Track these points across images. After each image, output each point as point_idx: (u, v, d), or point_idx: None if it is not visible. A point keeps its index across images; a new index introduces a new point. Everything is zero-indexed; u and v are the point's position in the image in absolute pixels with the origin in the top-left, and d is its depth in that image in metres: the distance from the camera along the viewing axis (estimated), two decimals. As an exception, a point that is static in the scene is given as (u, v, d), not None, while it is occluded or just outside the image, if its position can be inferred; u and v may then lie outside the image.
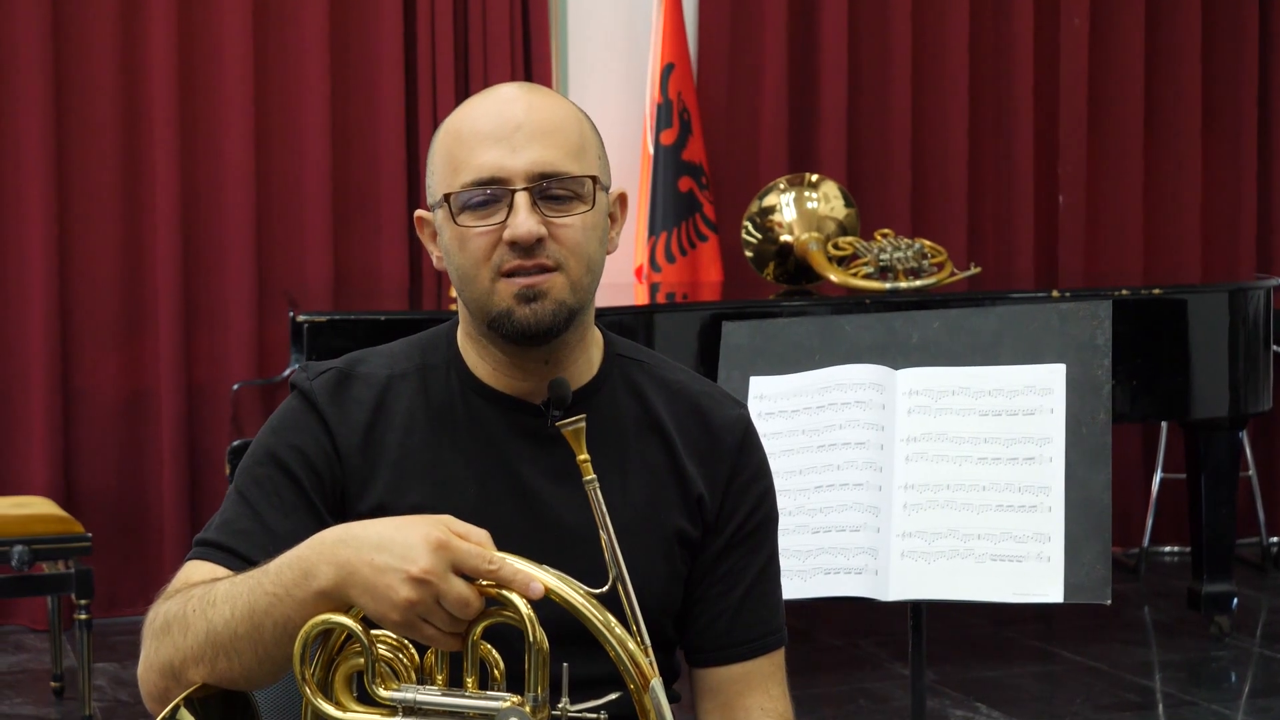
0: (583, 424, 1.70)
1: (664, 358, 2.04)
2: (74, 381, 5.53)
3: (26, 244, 5.42)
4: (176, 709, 1.66)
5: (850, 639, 5.39)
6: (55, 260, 5.44)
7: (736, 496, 1.97)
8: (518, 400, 1.92)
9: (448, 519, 1.65)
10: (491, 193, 1.84)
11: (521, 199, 1.83)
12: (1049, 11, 6.52)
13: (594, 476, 1.69)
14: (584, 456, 1.70)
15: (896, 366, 2.68)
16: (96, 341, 5.54)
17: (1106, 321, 2.61)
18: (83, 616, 4.48)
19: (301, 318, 4.38)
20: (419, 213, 1.98)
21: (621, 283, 5.95)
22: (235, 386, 5.40)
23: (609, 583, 1.68)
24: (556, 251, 1.84)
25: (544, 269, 1.83)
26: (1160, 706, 4.80)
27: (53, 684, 4.83)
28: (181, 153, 5.53)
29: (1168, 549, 6.55)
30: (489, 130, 1.85)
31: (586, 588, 1.66)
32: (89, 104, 5.49)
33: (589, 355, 1.95)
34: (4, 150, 5.42)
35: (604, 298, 5.12)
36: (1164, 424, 6.29)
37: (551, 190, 1.84)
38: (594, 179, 1.87)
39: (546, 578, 1.64)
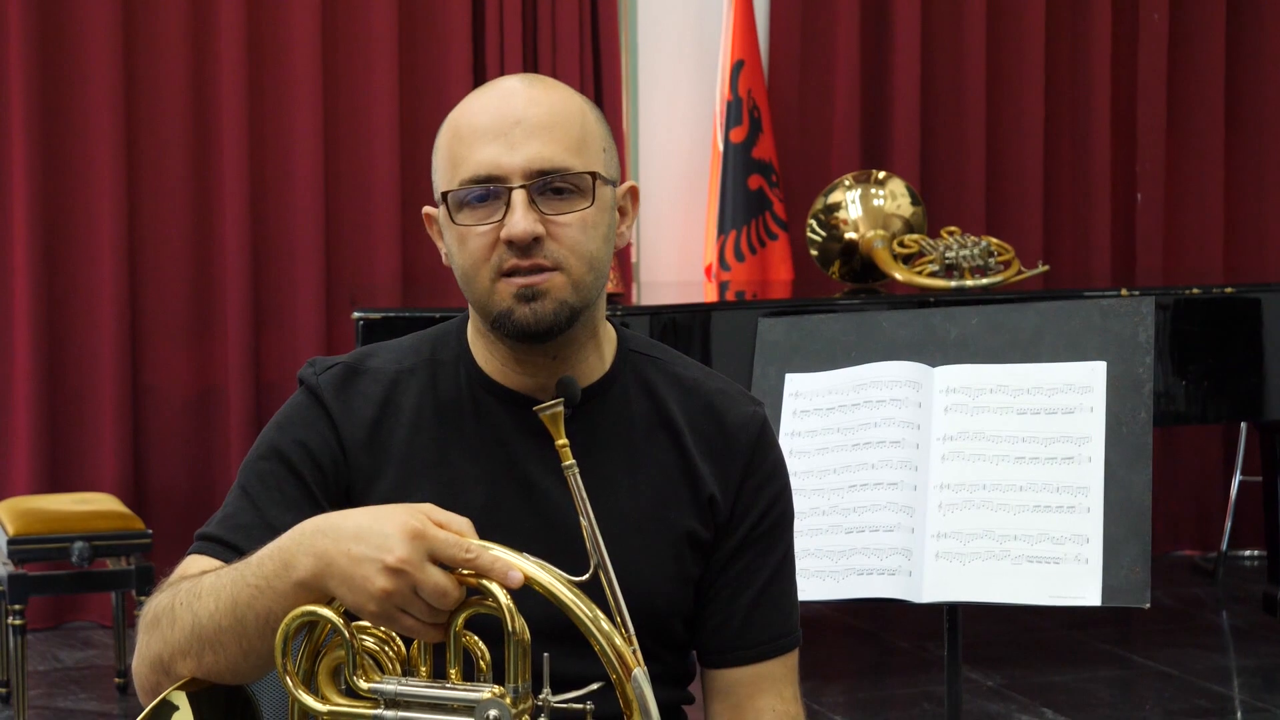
0: (560, 408, 1.67)
1: (680, 354, 2.00)
2: (143, 379, 5.56)
3: (97, 242, 5.45)
4: (164, 701, 1.64)
5: (918, 641, 5.32)
6: (125, 258, 5.47)
7: (750, 496, 1.93)
8: (526, 397, 1.88)
9: (428, 507, 1.62)
10: (488, 190, 1.80)
11: (518, 197, 1.79)
12: (1128, 6, 6.42)
13: (573, 462, 1.66)
14: (562, 441, 1.66)
15: (934, 364, 2.62)
16: (165, 339, 5.58)
17: (1149, 318, 2.54)
18: (143, 613, 4.50)
19: (356, 314, 4.37)
20: (426, 209, 1.93)
21: (690, 280, 5.92)
22: (302, 385, 5.40)
23: (590, 570, 1.64)
24: (555, 251, 1.80)
25: (541, 269, 1.80)
26: (1238, 713, 4.70)
27: (116, 679, 4.86)
28: (250, 151, 5.55)
29: (1247, 553, 6.41)
30: (486, 126, 1.81)
31: (569, 576, 1.62)
32: (158, 103, 5.53)
33: (600, 352, 1.92)
34: (76, 151, 5.46)
35: (661, 295, 5.11)
36: (1243, 425, 6.17)
37: (551, 187, 1.80)
38: (594, 174, 1.82)
39: (527, 565, 1.60)
